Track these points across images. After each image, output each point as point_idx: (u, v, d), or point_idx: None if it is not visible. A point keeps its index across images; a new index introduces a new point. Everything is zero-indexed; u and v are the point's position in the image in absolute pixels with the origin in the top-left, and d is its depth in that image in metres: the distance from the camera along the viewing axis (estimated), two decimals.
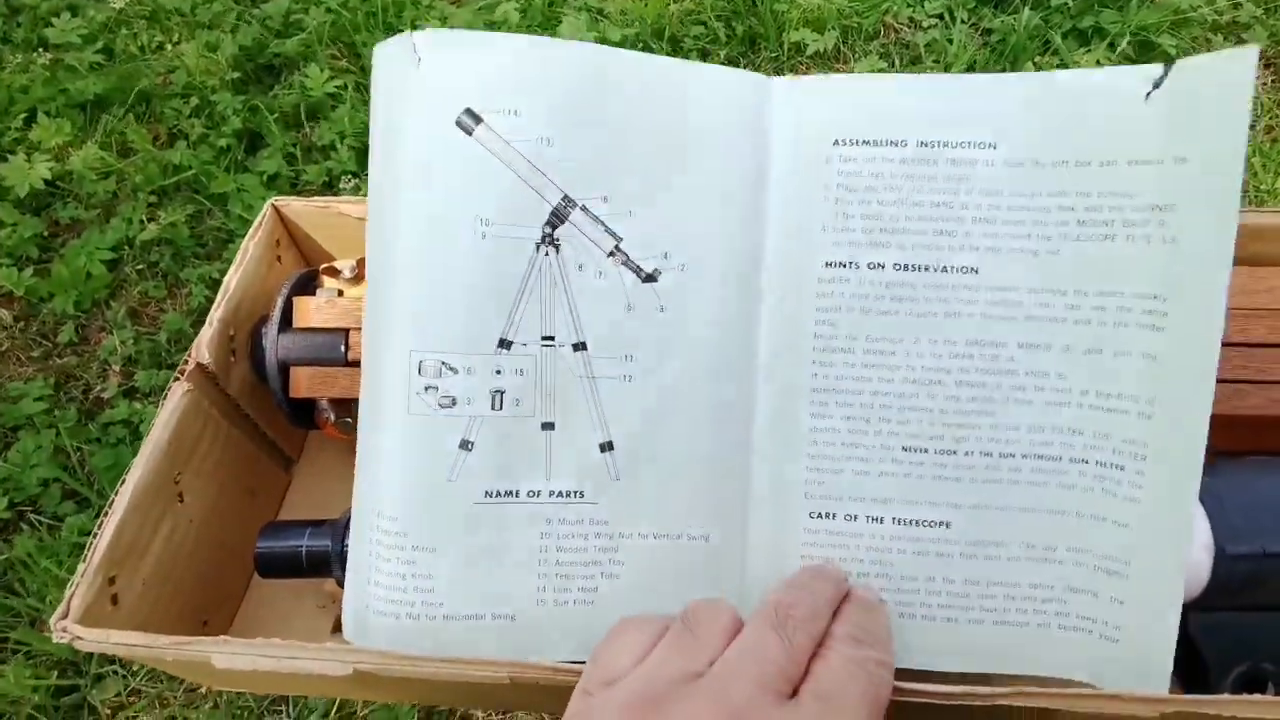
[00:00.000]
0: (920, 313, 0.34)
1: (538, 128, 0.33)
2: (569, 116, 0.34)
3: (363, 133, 1.02)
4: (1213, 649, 0.36)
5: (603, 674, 0.29)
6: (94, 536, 0.34)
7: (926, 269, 0.34)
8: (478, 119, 0.33)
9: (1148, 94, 0.32)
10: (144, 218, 0.95)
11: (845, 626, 0.30)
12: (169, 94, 1.01)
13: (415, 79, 0.33)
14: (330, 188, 1.00)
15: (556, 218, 0.34)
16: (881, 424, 0.34)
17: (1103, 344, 0.32)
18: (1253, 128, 1.00)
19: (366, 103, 1.05)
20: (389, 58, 0.34)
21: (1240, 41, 1.01)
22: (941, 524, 0.34)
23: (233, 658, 0.32)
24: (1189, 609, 0.36)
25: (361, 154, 0.97)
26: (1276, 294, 0.40)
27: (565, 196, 0.34)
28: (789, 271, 0.35)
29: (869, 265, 0.34)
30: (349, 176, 0.97)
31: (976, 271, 0.33)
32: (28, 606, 0.73)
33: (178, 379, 0.38)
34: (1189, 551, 0.34)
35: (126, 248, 0.94)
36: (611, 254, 0.34)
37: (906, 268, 0.34)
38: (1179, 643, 0.37)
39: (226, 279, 0.41)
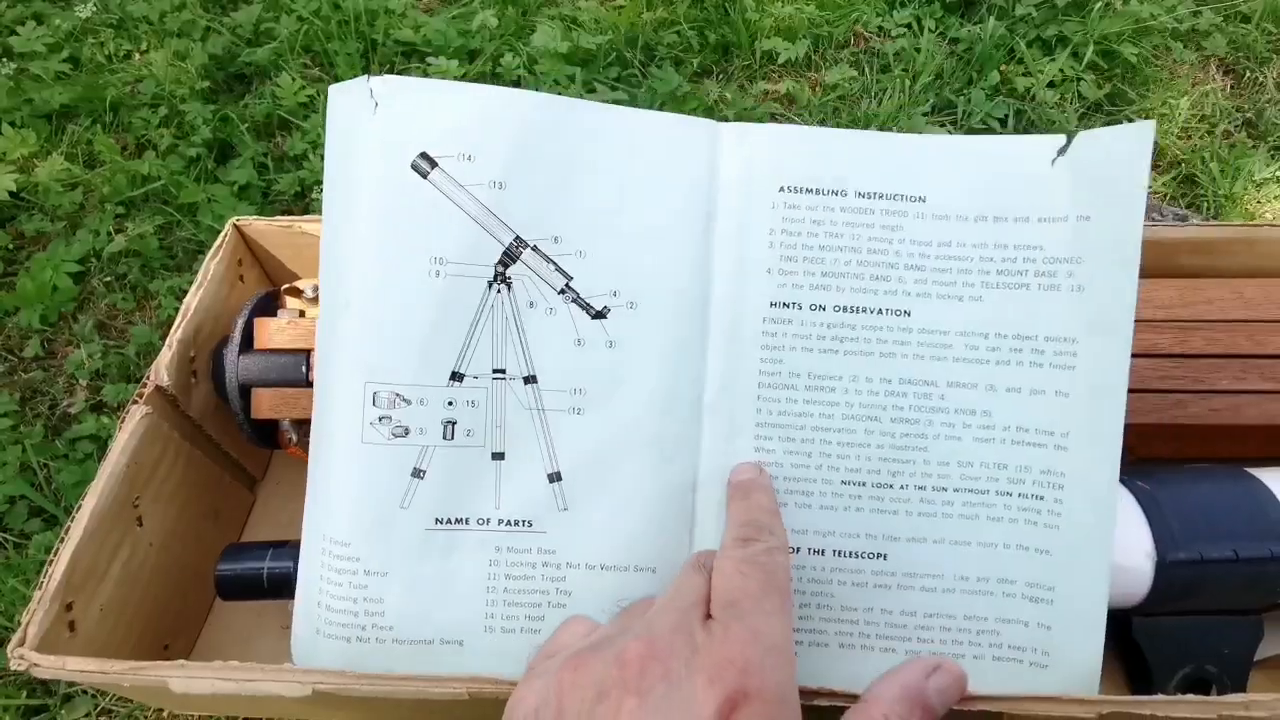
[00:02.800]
0: (859, 351, 0.36)
1: (491, 172, 0.35)
2: (521, 161, 0.35)
3: None
4: (1156, 652, 0.37)
5: (546, 651, 0.30)
6: (49, 563, 0.34)
7: (864, 310, 0.36)
8: (433, 163, 0.35)
9: (1053, 160, 0.36)
10: (111, 229, 0.94)
11: (733, 529, 0.31)
12: (137, 103, 1.00)
13: (371, 123, 0.34)
14: (302, 198, 0.99)
15: (509, 257, 0.35)
16: (822, 458, 0.35)
17: (1021, 383, 0.35)
18: (1211, 133, 1.02)
19: None
20: (345, 100, 0.35)
21: (1200, 49, 1.02)
22: (879, 555, 0.35)
23: (190, 681, 0.32)
24: (1132, 614, 0.37)
25: None
26: (1215, 305, 0.41)
27: (517, 237, 0.35)
28: (735, 311, 0.36)
29: (811, 306, 0.36)
30: (321, 187, 0.97)
31: (909, 314, 0.36)
32: None
33: (136, 401, 0.38)
34: (1125, 561, 0.35)
35: (94, 260, 0.93)
36: (562, 292, 0.36)
37: (846, 309, 0.36)
38: (1125, 647, 0.38)
39: (186, 301, 0.41)
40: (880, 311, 0.36)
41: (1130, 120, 1.00)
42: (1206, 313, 0.41)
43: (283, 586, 0.38)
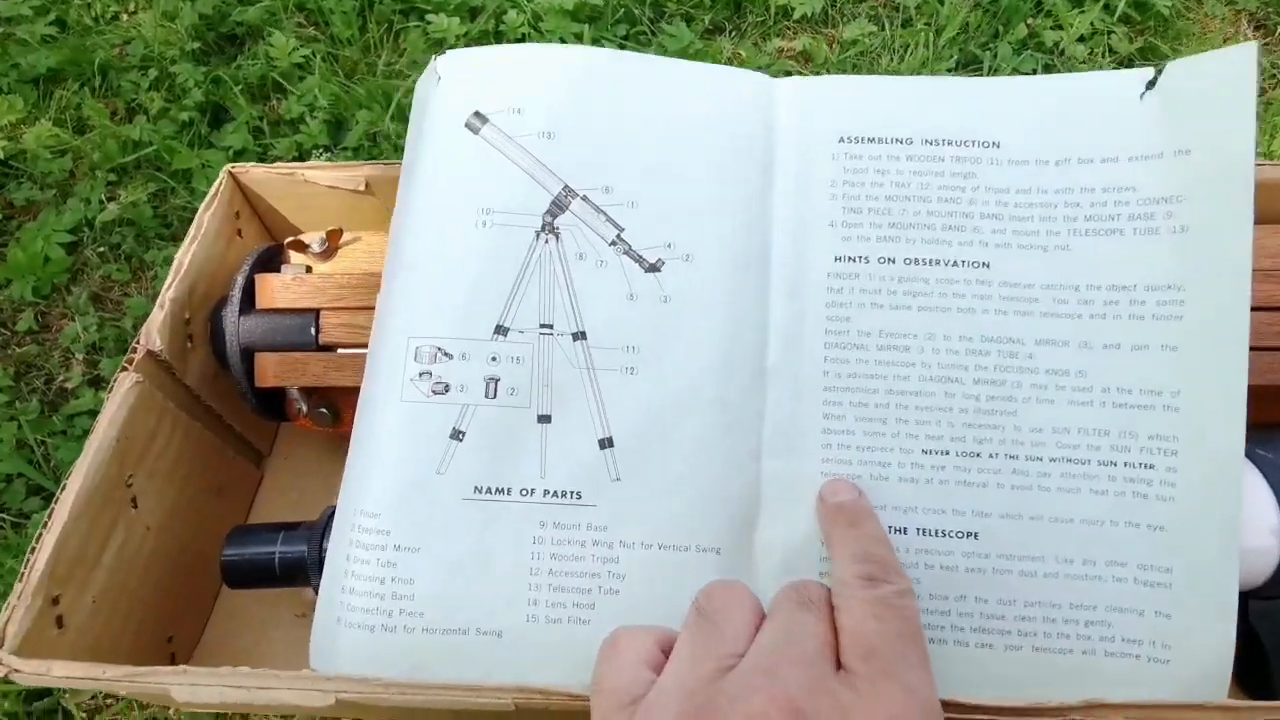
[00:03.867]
0: (934, 307, 0.33)
1: (539, 123, 0.35)
2: (570, 112, 0.35)
3: (335, 104, 0.96)
4: (1274, 638, 0.33)
5: (618, 697, 0.25)
6: (31, 552, 0.30)
7: (938, 263, 0.33)
8: (484, 119, 0.35)
9: (1141, 94, 0.34)
10: (103, 197, 0.91)
11: (851, 565, 0.27)
12: (126, 66, 0.96)
13: (435, 94, 0.36)
14: (301, 162, 0.95)
15: (557, 206, 0.34)
16: (899, 424, 0.32)
17: (1120, 338, 0.32)
18: None
19: (336, 73, 1.00)
20: (420, 86, 0.37)
21: (1231, 3, 0.98)
22: (969, 534, 0.32)
23: (195, 690, 0.28)
24: (1248, 597, 0.33)
25: (333, 125, 0.92)
26: None
27: (566, 187, 0.34)
28: (797, 266, 0.34)
29: (879, 259, 0.34)
30: (320, 150, 0.93)
31: (988, 266, 0.33)
32: None
33: (125, 368, 0.34)
34: (1248, 540, 0.31)
35: (86, 229, 0.90)
36: (613, 243, 0.34)
37: (917, 261, 0.33)
38: (1237, 634, 0.34)
39: (179, 256, 0.37)
40: (956, 264, 0.33)
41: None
42: None
43: (296, 573, 0.34)
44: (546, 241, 0.34)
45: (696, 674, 0.25)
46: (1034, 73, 0.96)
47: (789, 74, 0.94)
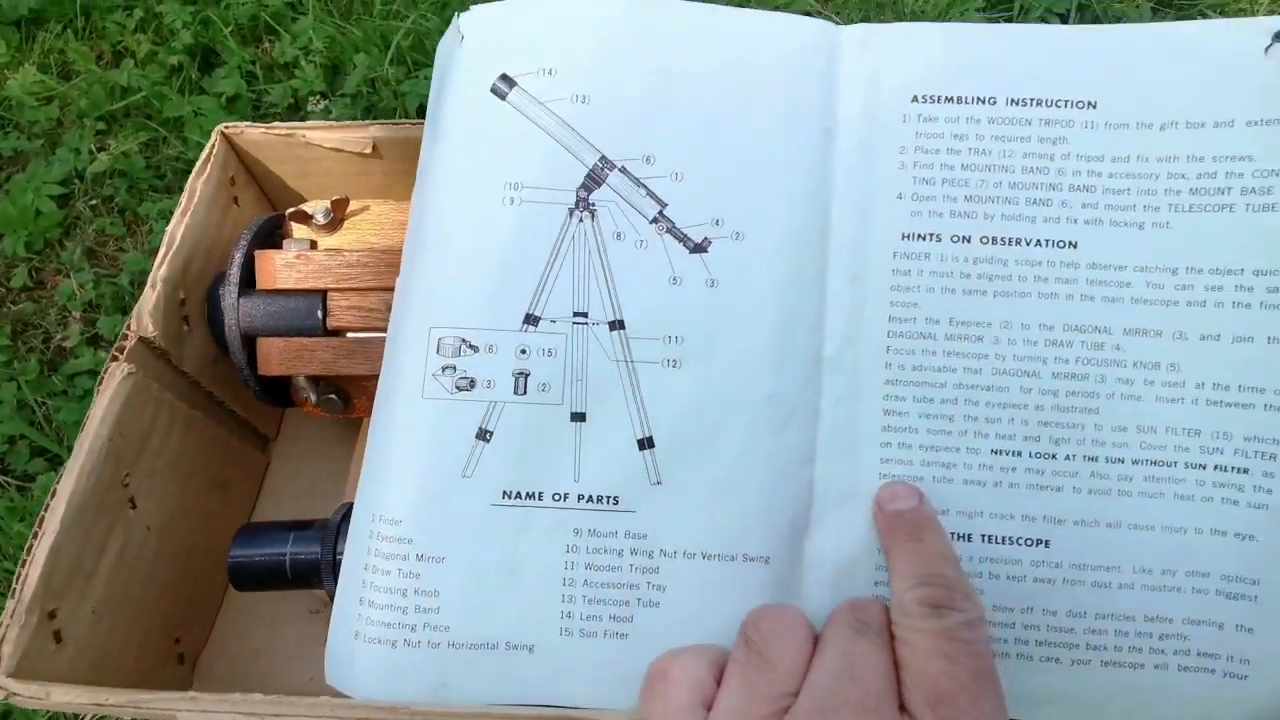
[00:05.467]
0: (1012, 292, 0.30)
1: (573, 84, 0.32)
2: (608, 70, 0.32)
3: (330, 47, 0.91)
4: None
5: None
6: (23, 565, 0.28)
7: (1019, 242, 0.31)
8: (512, 84, 0.32)
9: (1266, 48, 0.30)
10: (93, 147, 0.87)
11: (914, 588, 0.25)
12: (110, 5, 0.91)
13: (459, 55, 0.33)
14: (296, 110, 0.91)
15: (593, 180, 0.31)
16: (967, 422, 0.30)
17: (1220, 328, 0.29)
18: None
19: (331, 14, 0.95)
20: (443, 46, 0.33)
21: None
22: (1040, 542, 0.29)
23: (204, 717, 0.26)
24: None
25: (330, 70, 0.87)
26: None
27: (602, 157, 0.31)
28: (860, 244, 0.31)
29: (952, 238, 0.31)
30: (317, 97, 0.88)
31: (1075, 246, 0.30)
32: (2, 571, 0.68)
33: (116, 358, 0.31)
34: None
35: (76, 181, 0.86)
36: (655, 221, 0.31)
37: (995, 241, 0.31)
38: None
39: (170, 230, 0.34)
40: (1039, 243, 0.30)
41: (1204, 15, 0.91)
42: None
43: (309, 575, 0.32)
44: (581, 220, 0.31)
45: (747, 714, 0.23)
46: (1068, 13, 0.90)
47: (806, 14, 0.89)
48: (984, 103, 0.31)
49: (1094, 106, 0.31)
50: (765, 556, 0.29)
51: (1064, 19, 0.91)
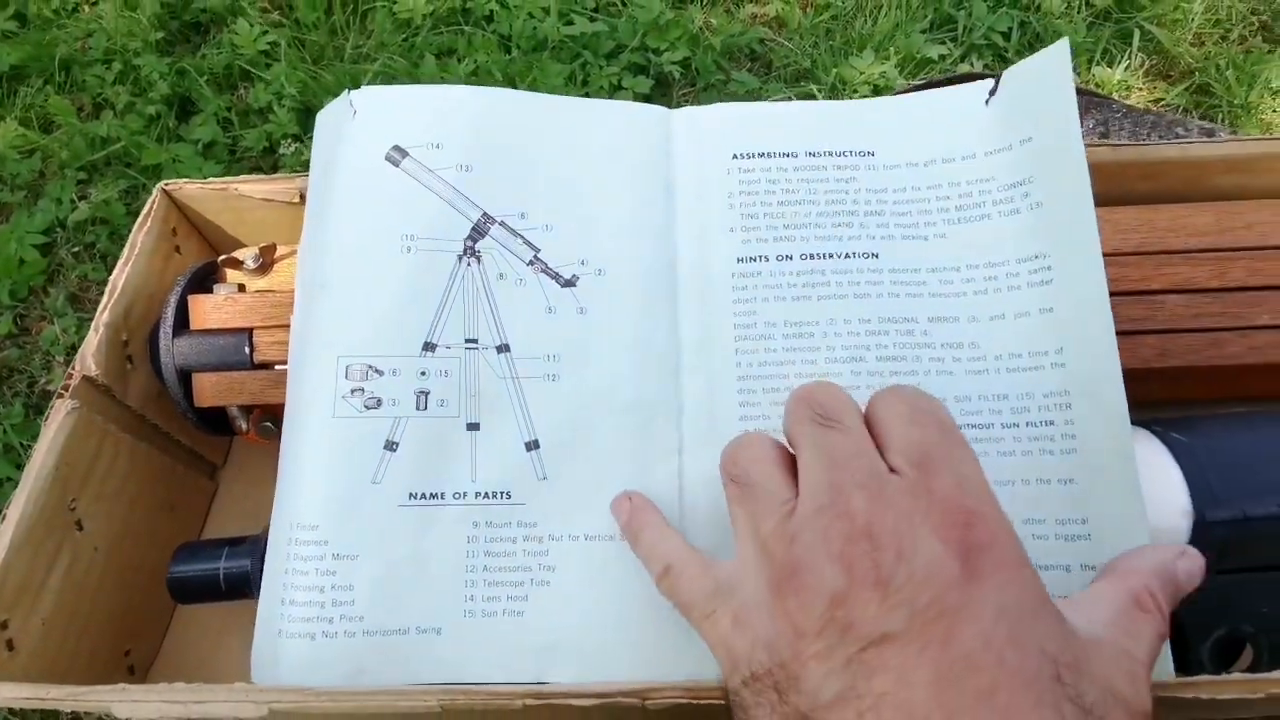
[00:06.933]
0: (832, 295, 0.35)
1: (457, 157, 0.37)
2: (484, 147, 0.37)
3: (303, 91, 0.95)
4: (1192, 613, 0.34)
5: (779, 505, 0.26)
6: None
7: (831, 256, 0.36)
8: (404, 153, 0.37)
9: (986, 100, 0.38)
10: (74, 196, 0.90)
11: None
12: (89, 60, 0.95)
13: (351, 126, 0.37)
14: (271, 153, 0.95)
15: (477, 232, 0.36)
16: None
17: (1003, 308, 0.34)
18: (1225, 39, 0.96)
19: (304, 60, 0.99)
20: (330, 115, 0.38)
21: None
22: None
23: (134, 706, 0.29)
24: None
25: (302, 113, 0.91)
26: (1255, 230, 0.36)
27: (484, 214, 0.37)
28: (703, 271, 0.37)
29: (777, 257, 0.36)
30: (290, 140, 0.92)
31: (877, 256, 0.36)
32: None
33: (61, 395, 0.35)
34: (1161, 521, 0.31)
35: (59, 230, 0.90)
36: (531, 263, 0.37)
37: (812, 256, 0.36)
38: None
39: (113, 278, 0.37)
40: (847, 255, 0.36)
41: (1141, 29, 0.95)
42: (1246, 239, 0.36)
43: (241, 587, 0.35)
44: (469, 264, 0.36)
45: (761, 534, 0.25)
46: (1009, 30, 0.94)
47: (762, 41, 0.93)
48: (788, 156, 0.38)
49: (872, 154, 0.38)
50: None
51: (1005, 37, 0.95)
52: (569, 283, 0.36)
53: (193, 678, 0.31)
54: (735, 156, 0.38)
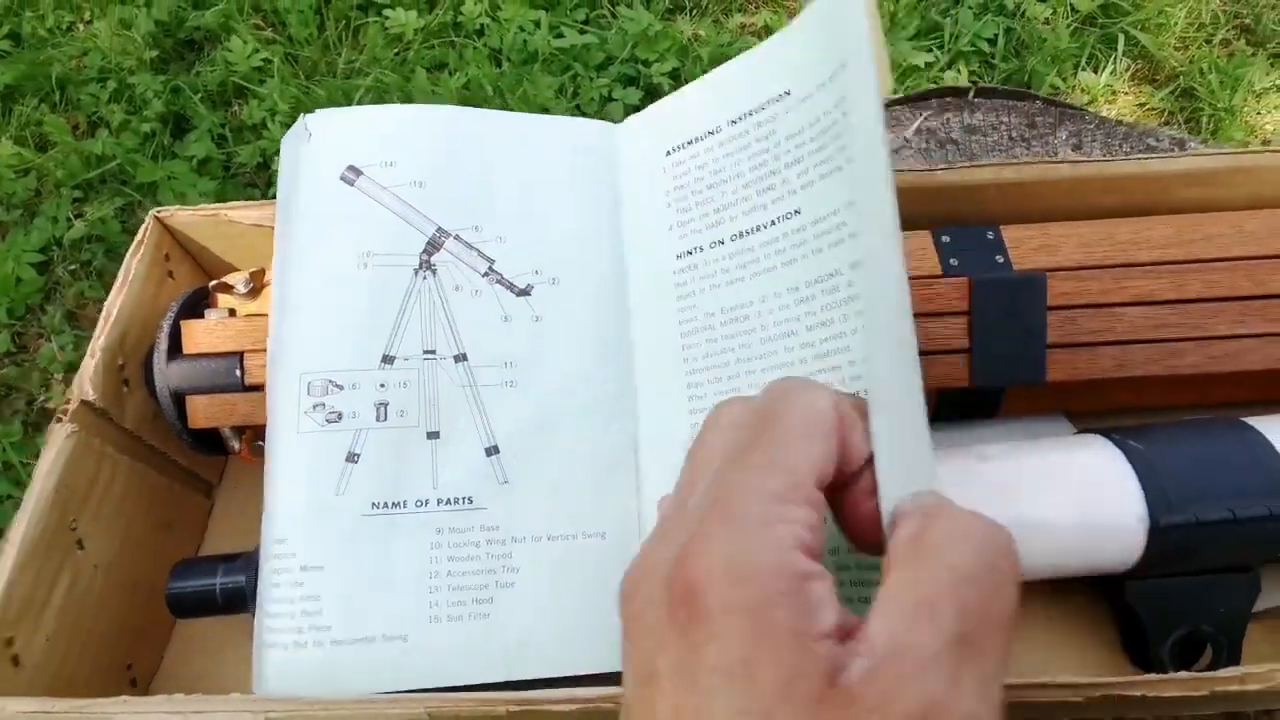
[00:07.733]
0: (763, 270, 0.35)
1: (411, 173, 0.38)
2: (437, 163, 0.39)
3: (296, 107, 0.96)
4: (1151, 615, 0.36)
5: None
6: None
7: (759, 229, 0.35)
8: (359, 172, 0.38)
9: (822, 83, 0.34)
10: (70, 215, 0.92)
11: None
12: (84, 79, 0.96)
13: (307, 149, 0.39)
14: (265, 168, 0.96)
15: (432, 246, 0.38)
16: (751, 390, 0.32)
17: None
18: (1208, 42, 0.97)
19: (297, 75, 1.00)
20: (290, 139, 0.39)
21: None
22: None
23: (137, 717, 0.31)
24: (1125, 578, 0.35)
25: None
26: (1214, 243, 0.38)
27: (439, 228, 0.38)
28: (650, 274, 0.38)
29: (711, 244, 0.37)
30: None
31: (799, 213, 0.34)
32: None
33: (60, 419, 0.36)
34: (1119, 524, 0.32)
35: (55, 248, 0.91)
36: (486, 274, 0.38)
37: (742, 234, 0.36)
38: (1119, 611, 0.37)
39: (108, 305, 0.39)
40: (773, 222, 0.35)
41: (1125, 34, 0.95)
42: (1205, 251, 0.37)
43: (237, 602, 0.37)
44: (425, 277, 0.37)
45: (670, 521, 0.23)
46: (995, 37, 0.95)
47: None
48: (712, 134, 0.38)
49: (788, 93, 0.35)
50: (602, 532, 0.35)
51: (991, 43, 0.96)
52: (524, 292, 0.38)
53: (193, 689, 0.32)
54: (668, 153, 0.39)
